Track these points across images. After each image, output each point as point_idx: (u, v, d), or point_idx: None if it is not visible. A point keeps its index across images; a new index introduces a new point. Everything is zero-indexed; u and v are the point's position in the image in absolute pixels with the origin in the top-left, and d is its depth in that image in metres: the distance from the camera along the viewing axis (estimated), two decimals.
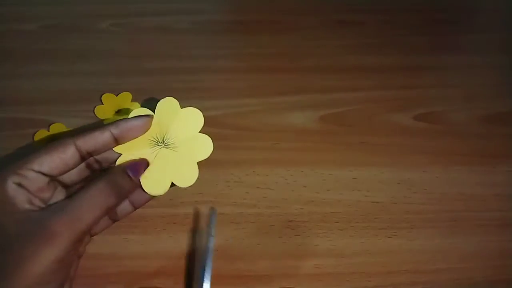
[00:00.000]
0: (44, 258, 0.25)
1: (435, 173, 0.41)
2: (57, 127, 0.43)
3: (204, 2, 0.60)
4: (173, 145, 0.31)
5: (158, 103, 0.31)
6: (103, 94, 0.46)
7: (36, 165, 0.27)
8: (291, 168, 0.41)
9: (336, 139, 0.44)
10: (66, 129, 0.43)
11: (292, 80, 0.49)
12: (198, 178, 0.31)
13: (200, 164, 0.41)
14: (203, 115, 0.33)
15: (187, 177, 0.31)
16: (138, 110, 0.31)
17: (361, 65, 0.51)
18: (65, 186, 0.29)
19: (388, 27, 0.56)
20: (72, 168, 0.28)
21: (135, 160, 0.30)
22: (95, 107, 0.45)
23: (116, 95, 0.46)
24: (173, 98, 0.32)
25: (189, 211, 0.38)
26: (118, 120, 0.29)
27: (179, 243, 0.37)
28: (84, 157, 0.29)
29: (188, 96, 0.47)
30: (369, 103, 0.47)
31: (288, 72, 0.50)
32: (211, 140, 0.32)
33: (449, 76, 0.50)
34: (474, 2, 0.62)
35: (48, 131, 0.43)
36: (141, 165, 0.30)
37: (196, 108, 0.32)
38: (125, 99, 0.46)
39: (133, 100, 0.46)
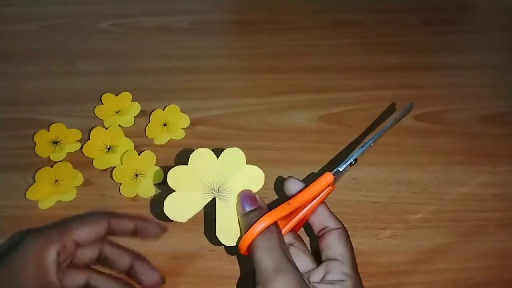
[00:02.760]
0: None
1: (435, 173, 0.41)
2: (57, 127, 0.43)
3: (204, 2, 0.60)
4: (226, 198, 0.30)
5: (225, 150, 0.31)
6: (103, 94, 0.46)
7: (76, 236, 0.28)
8: (291, 168, 0.41)
9: (335, 139, 0.44)
10: (66, 129, 0.43)
11: (292, 80, 0.49)
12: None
13: None
14: (203, 115, 0.33)
15: (230, 235, 0.30)
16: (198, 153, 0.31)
17: (361, 65, 0.51)
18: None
19: (388, 27, 0.56)
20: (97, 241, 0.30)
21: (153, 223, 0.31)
22: (95, 107, 0.45)
23: (116, 95, 0.46)
24: (240, 150, 0.31)
25: None
26: (144, 220, 0.31)
27: (179, 243, 0.37)
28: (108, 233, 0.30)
29: (188, 96, 0.47)
30: (369, 103, 0.47)
31: (288, 72, 0.50)
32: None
33: (448, 76, 0.51)
34: (474, 2, 0.62)
35: (48, 131, 0.43)
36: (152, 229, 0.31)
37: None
38: (125, 99, 0.46)
39: (133, 100, 0.46)
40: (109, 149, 0.42)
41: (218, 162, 0.30)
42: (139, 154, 0.41)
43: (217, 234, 0.29)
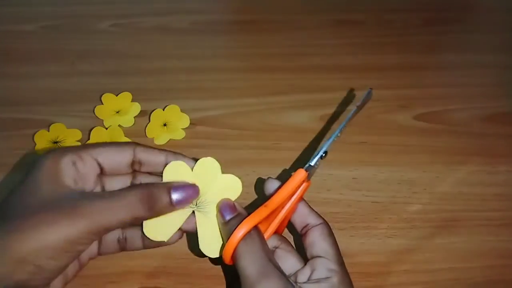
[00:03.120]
0: (59, 232, 0.25)
1: (435, 173, 0.41)
2: (57, 127, 0.43)
3: (204, 2, 0.60)
4: (205, 210, 0.30)
5: (199, 161, 0.30)
6: (103, 94, 0.46)
7: (94, 153, 0.28)
8: (291, 168, 0.41)
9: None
10: (66, 129, 0.43)
11: (292, 80, 0.49)
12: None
13: None
14: (203, 115, 0.32)
15: (213, 246, 0.29)
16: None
17: (361, 65, 0.51)
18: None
19: (389, 27, 0.56)
20: (122, 171, 0.29)
21: (185, 183, 0.29)
22: (95, 107, 0.45)
23: (116, 95, 0.46)
24: (214, 160, 0.30)
25: None
26: (176, 154, 0.30)
27: (179, 243, 0.36)
28: (135, 163, 0.29)
29: (188, 96, 0.47)
30: (369, 103, 0.47)
31: (288, 72, 0.50)
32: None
33: (449, 76, 0.51)
34: (475, 2, 0.62)
35: (48, 131, 0.43)
36: (189, 190, 0.29)
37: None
38: (125, 99, 0.46)
39: (133, 100, 0.46)
40: None
41: (193, 174, 0.30)
42: None
43: (200, 247, 0.29)
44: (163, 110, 0.45)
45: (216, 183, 0.30)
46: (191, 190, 0.29)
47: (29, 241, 0.24)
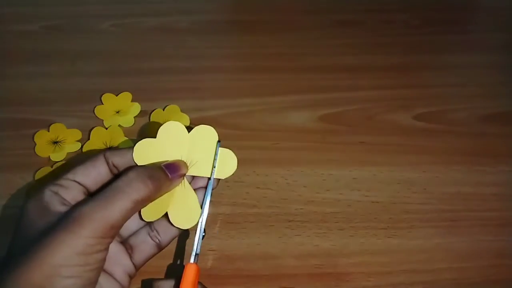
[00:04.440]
0: (63, 247, 0.24)
1: (435, 173, 0.41)
2: (57, 127, 0.43)
3: (204, 2, 0.60)
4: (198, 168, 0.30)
5: (197, 127, 0.30)
6: (103, 94, 0.46)
7: (70, 174, 0.28)
8: (291, 168, 0.41)
9: (335, 139, 0.44)
10: (66, 129, 0.43)
11: (292, 80, 0.49)
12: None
13: None
14: (203, 115, 0.32)
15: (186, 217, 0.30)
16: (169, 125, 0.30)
17: (361, 65, 0.51)
18: None
19: (388, 27, 0.56)
20: (106, 180, 0.29)
21: (173, 161, 0.29)
22: (95, 107, 0.45)
23: (116, 95, 0.46)
24: (214, 130, 0.30)
25: None
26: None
27: (179, 243, 0.37)
28: (112, 169, 0.29)
29: (188, 96, 0.47)
30: (369, 103, 0.47)
31: (288, 72, 0.50)
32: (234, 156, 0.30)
33: (449, 76, 0.50)
34: (474, 2, 0.62)
35: (48, 131, 0.43)
36: (178, 164, 0.29)
37: (230, 150, 0.30)
38: (125, 99, 0.46)
39: (133, 100, 0.46)
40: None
41: (189, 137, 0.29)
42: None
43: (170, 217, 0.29)
44: (163, 110, 0.45)
45: (211, 153, 0.29)
46: (181, 164, 0.29)
47: (40, 268, 0.24)
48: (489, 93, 0.48)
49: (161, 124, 0.30)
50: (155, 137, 0.30)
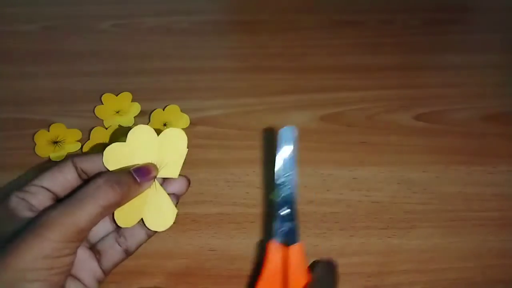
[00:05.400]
0: (30, 251, 0.24)
1: (435, 173, 0.41)
2: (57, 127, 0.43)
3: (204, 2, 0.60)
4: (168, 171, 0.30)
5: (165, 130, 0.30)
6: (103, 94, 0.46)
7: (37, 180, 0.28)
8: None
9: (336, 139, 0.44)
10: (66, 129, 0.43)
11: (292, 80, 0.49)
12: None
13: (200, 163, 0.41)
14: (203, 115, 0.32)
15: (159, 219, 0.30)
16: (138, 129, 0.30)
17: (361, 65, 0.51)
18: None
19: (388, 27, 0.56)
20: (74, 186, 0.29)
21: (141, 165, 0.29)
22: (95, 107, 0.45)
23: (116, 95, 0.46)
24: (183, 132, 0.30)
25: (189, 211, 0.38)
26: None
27: (179, 243, 0.37)
28: (81, 175, 0.29)
29: (188, 96, 0.47)
30: (369, 103, 0.47)
31: (288, 72, 0.50)
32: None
33: (449, 76, 0.50)
34: (474, 2, 0.62)
35: (48, 131, 0.43)
36: (147, 168, 0.29)
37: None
38: (125, 99, 0.46)
39: (133, 100, 0.46)
40: None
41: (158, 139, 0.29)
42: None
43: (145, 221, 0.29)
44: (163, 110, 0.45)
45: (180, 155, 0.30)
46: (150, 168, 0.29)
47: (4, 273, 0.23)
48: (489, 93, 0.48)
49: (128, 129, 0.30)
50: (125, 141, 0.30)
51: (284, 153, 0.30)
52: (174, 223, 0.30)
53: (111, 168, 0.29)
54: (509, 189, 0.40)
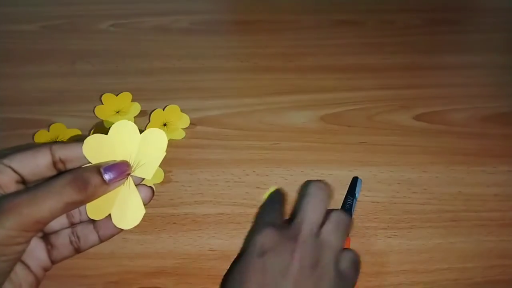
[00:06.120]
0: None
1: (435, 173, 0.41)
2: (57, 127, 0.43)
3: (204, 2, 0.60)
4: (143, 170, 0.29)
5: (148, 129, 0.29)
6: (103, 94, 0.46)
7: (6, 160, 0.27)
8: (291, 168, 0.41)
9: (336, 139, 0.44)
10: (66, 129, 0.43)
11: (292, 80, 0.49)
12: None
13: (200, 163, 0.41)
14: (203, 115, 0.32)
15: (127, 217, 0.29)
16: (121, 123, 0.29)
17: (361, 65, 0.51)
18: None
19: (389, 27, 0.56)
20: (45, 174, 0.28)
21: (115, 162, 0.28)
22: (95, 107, 0.45)
23: (116, 95, 0.46)
24: (163, 133, 0.29)
25: (189, 211, 0.38)
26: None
27: (179, 243, 0.37)
28: (57, 163, 0.28)
29: (188, 96, 0.47)
30: (369, 103, 0.47)
31: (288, 72, 0.50)
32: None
33: (449, 76, 0.50)
34: (474, 2, 0.62)
35: (48, 131, 0.43)
36: (120, 167, 0.28)
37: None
38: (125, 99, 0.46)
39: (133, 100, 0.46)
40: None
41: (140, 138, 0.29)
42: None
43: (112, 217, 0.29)
44: (163, 110, 0.45)
45: (158, 156, 0.29)
46: (123, 167, 0.28)
47: None
48: (489, 93, 0.48)
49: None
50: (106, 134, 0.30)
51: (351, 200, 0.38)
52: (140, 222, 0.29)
53: (88, 157, 0.28)
54: (509, 189, 0.40)
